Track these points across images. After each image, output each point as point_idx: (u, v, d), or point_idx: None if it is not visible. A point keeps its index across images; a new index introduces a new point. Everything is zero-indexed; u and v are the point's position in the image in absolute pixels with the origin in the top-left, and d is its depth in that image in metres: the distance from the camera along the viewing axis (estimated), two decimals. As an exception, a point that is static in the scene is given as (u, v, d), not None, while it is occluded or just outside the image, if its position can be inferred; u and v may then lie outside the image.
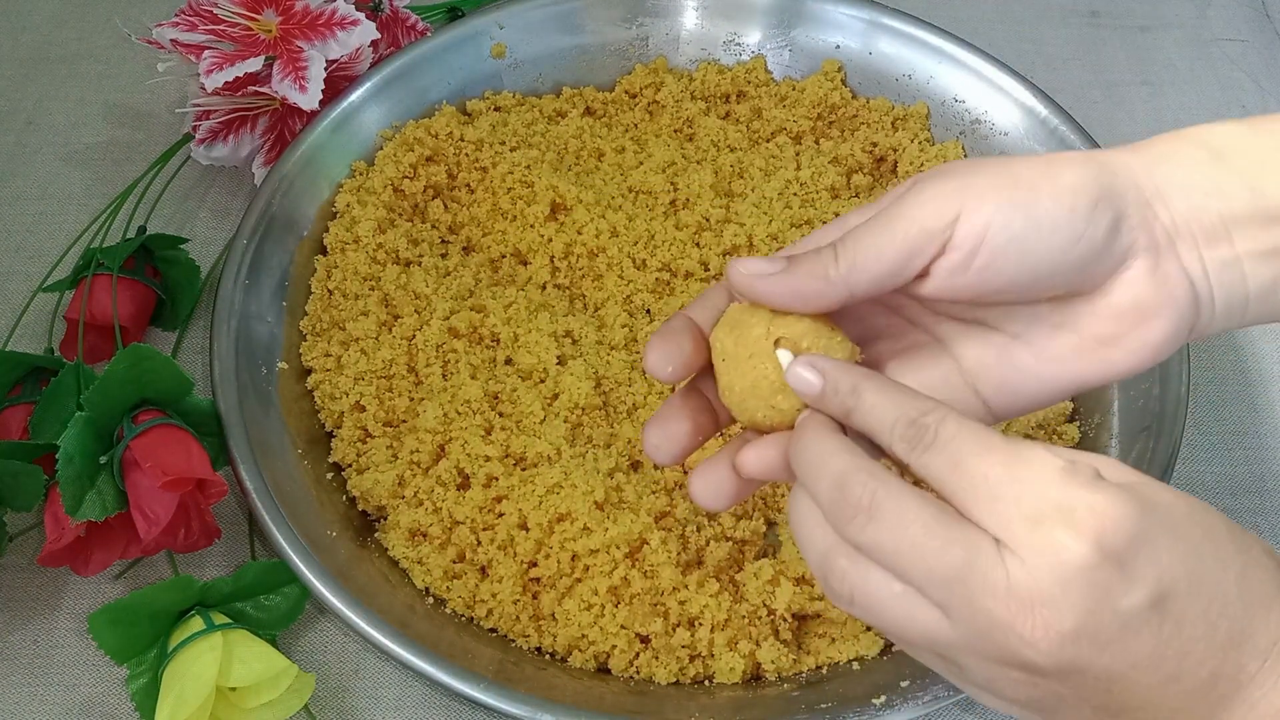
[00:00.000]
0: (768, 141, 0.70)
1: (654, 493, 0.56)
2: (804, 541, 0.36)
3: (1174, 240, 0.38)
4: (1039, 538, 0.31)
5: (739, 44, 0.73)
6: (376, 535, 0.56)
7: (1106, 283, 0.38)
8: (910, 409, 0.35)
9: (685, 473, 0.57)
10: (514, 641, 0.53)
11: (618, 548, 0.53)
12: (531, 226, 0.65)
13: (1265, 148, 0.38)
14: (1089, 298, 0.39)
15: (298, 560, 0.51)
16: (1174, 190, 0.38)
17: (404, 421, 0.59)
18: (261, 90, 0.65)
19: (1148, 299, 0.38)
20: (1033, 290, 0.38)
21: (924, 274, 0.38)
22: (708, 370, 0.40)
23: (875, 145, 0.69)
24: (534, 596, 0.54)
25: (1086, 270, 0.38)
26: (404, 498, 0.56)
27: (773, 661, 0.52)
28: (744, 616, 0.53)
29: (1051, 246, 0.37)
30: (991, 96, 0.68)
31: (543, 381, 0.59)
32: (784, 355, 0.38)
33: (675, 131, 0.71)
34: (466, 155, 0.67)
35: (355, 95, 0.67)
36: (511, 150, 0.67)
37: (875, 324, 0.42)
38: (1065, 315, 0.39)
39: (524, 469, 0.56)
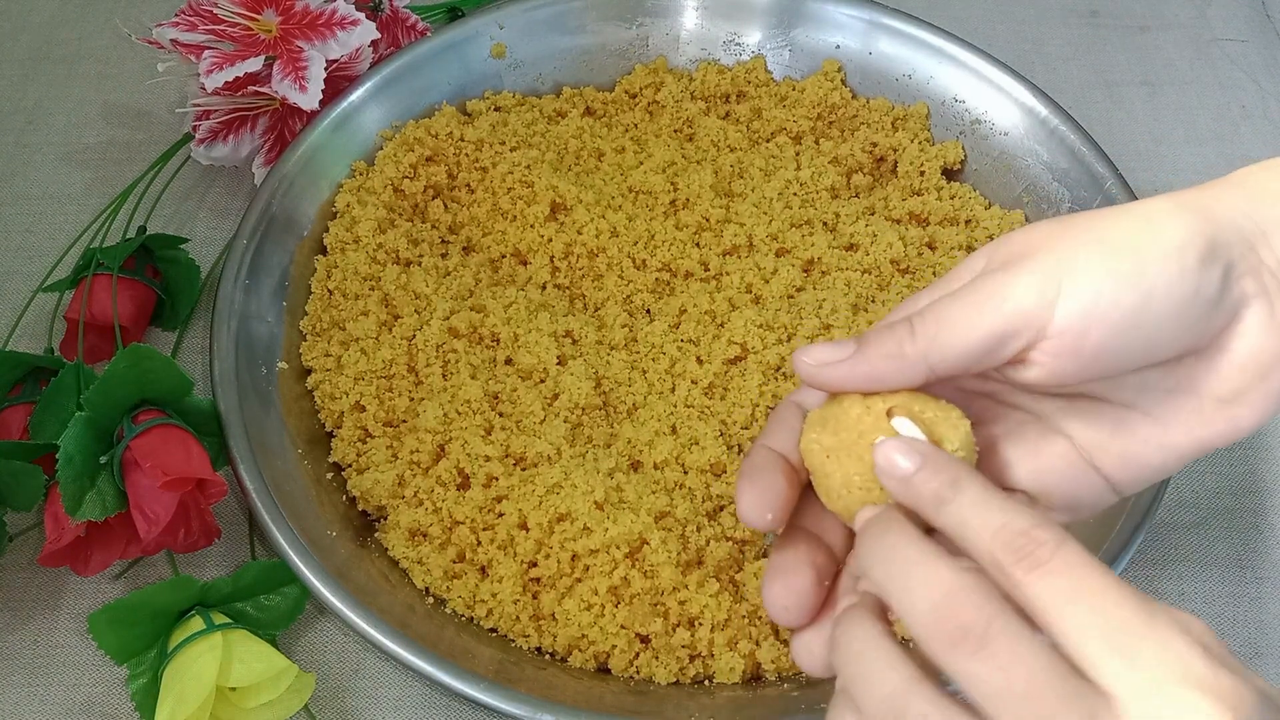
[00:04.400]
0: (768, 141, 0.70)
1: (654, 493, 0.56)
2: None
3: None
4: (1175, 709, 0.28)
5: (739, 44, 0.73)
6: (376, 535, 0.56)
7: (1221, 338, 0.36)
8: (1022, 519, 0.31)
9: (685, 472, 0.57)
10: (514, 641, 0.53)
11: (618, 548, 0.53)
12: (531, 226, 0.65)
13: None
14: (1203, 356, 0.36)
15: (298, 560, 0.51)
16: (1275, 228, 0.35)
17: (404, 421, 0.59)
18: (261, 90, 0.65)
19: (1267, 348, 0.35)
20: (1147, 361, 0.35)
21: (1023, 360, 0.35)
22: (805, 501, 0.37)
23: (875, 145, 0.69)
24: (534, 596, 0.54)
25: (1201, 329, 0.35)
26: (404, 498, 0.56)
27: (773, 661, 0.52)
28: (744, 616, 0.53)
29: (1166, 313, 0.34)
30: (991, 96, 0.68)
31: (543, 381, 0.59)
32: (902, 424, 0.34)
33: (675, 131, 0.71)
34: (466, 155, 0.67)
35: (355, 95, 0.67)
36: (511, 150, 0.67)
37: (966, 409, 0.37)
38: (1179, 378, 0.37)
39: (524, 469, 0.57)
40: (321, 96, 0.64)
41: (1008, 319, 0.34)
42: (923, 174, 0.68)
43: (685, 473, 0.57)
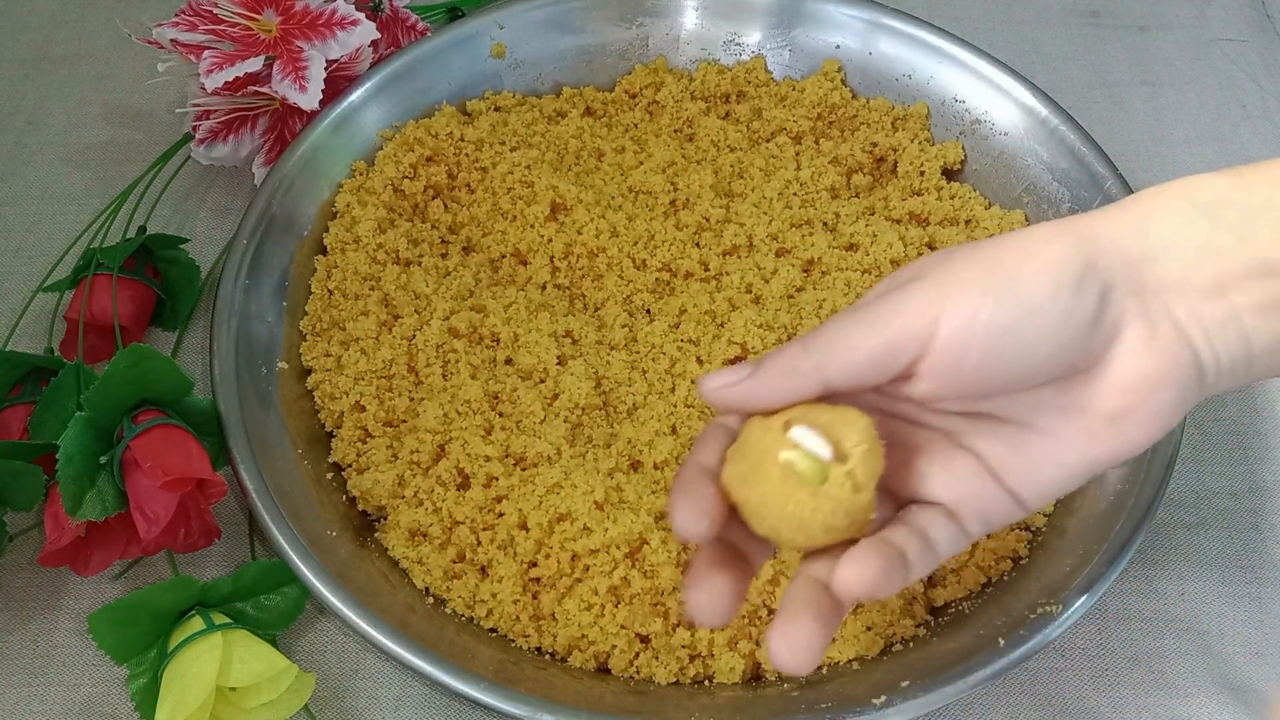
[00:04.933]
0: (768, 141, 0.70)
1: (654, 493, 0.55)
2: None
3: (1168, 304, 0.37)
4: None
5: (739, 44, 0.73)
6: (376, 535, 0.56)
7: (1104, 357, 0.37)
8: None
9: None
10: (514, 641, 0.53)
11: (618, 548, 0.53)
12: (531, 226, 0.65)
13: (1254, 199, 0.36)
14: (1089, 376, 0.38)
15: (298, 560, 0.51)
16: (1163, 251, 0.37)
17: (404, 421, 0.59)
18: (261, 90, 0.65)
19: (1149, 369, 0.37)
20: (1030, 378, 0.37)
21: (911, 375, 0.37)
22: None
23: (875, 145, 0.69)
24: (534, 596, 0.54)
25: (1081, 348, 0.37)
26: (404, 498, 0.56)
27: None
28: (744, 616, 0.53)
29: (1042, 332, 0.36)
30: (991, 96, 0.68)
31: (543, 381, 0.59)
32: (800, 433, 0.36)
33: (675, 131, 0.71)
34: (466, 155, 0.67)
35: (355, 95, 0.67)
36: (511, 150, 0.67)
37: (880, 429, 0.40)
38: (1069, 397, 0.38)
39: (524, 469, 0.57)
40: (321, 96, 0.64)
41: (894, 334, 0.36)
42: (923, 174, 0.68)
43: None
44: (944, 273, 0.37)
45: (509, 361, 0.60)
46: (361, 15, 0.66)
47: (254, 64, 0.64)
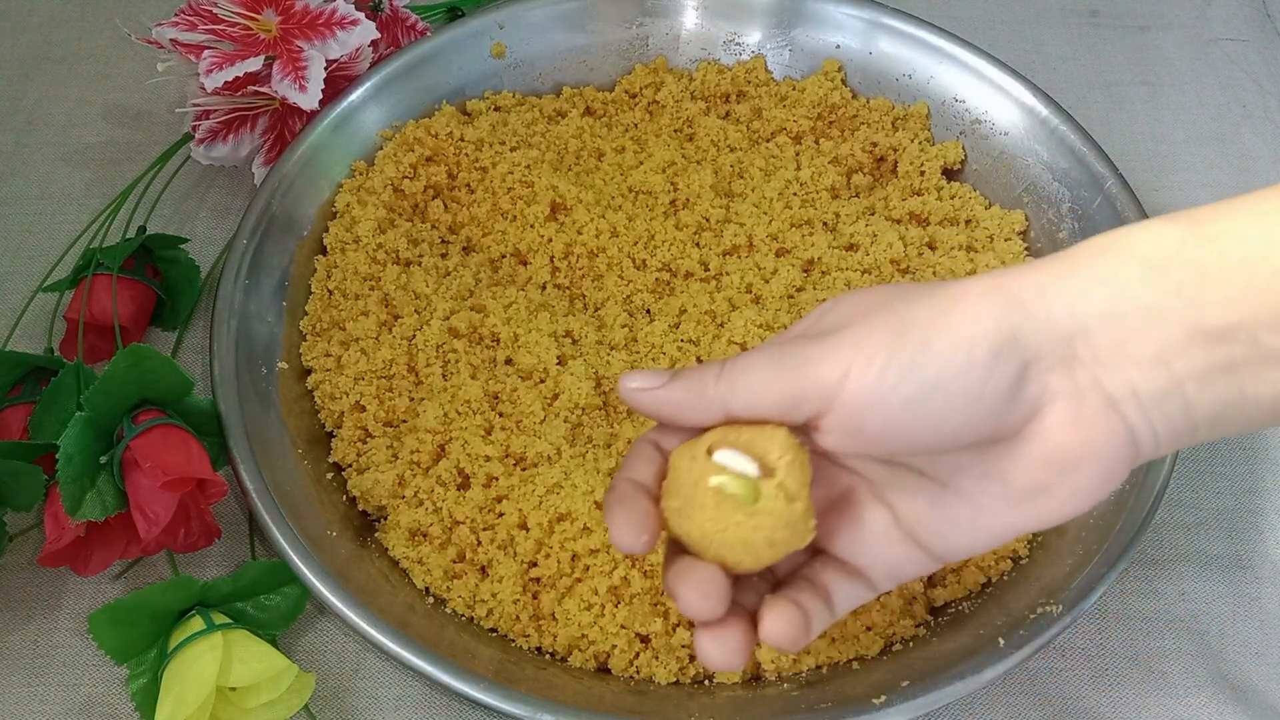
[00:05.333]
0: (768, 141, 0.70)
1: (654, 493, 0.56)
2: None
3: (1100, 378, 0.35)
4: None
5: (739, 44, 0.73)
6: (376, 535, 0.56)
7: (1025, 430, 0.36)
8: None
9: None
10: (514, 641, 0.53)
11: (618, 548, 0.53)
12: (531, 226, 0.65)
13: (1208, 254, 0.34)
14: (1010, 446, 0.36)
15: (298, 560, 0.51)
16: (1099, 320, 0.35)
17: (404, 421, 0.59)
18: (261, 90, 0.65)
19: (1071, 448, 0.35)
20: (940, 446, 0.36)
21: (817, 427, 0.36)
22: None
23: (875, 145, 0.69)
24: (534, 596, 0.54)
25: (995, 423, 0.35)
26: (404, 498, 0.56)
27: (773, 661, 0.52)
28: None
29: (951, 406, 0.35)
30: (991, 96, 0.68)
31: (543, 381, 0.59)
32: (725, 455, 0.36)
33: (675, 131, 0.71)
34: (466, 155, 0.67)
35: (355, 95, 0.67)
36: (511, 150, 0.67)
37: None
38: (989, 464, 0.37)
39: (524, 469, 0.57)
40: (321, 96, 0.64)
41: (798, 387, 0.36)
42: (923, 174, 0.68)
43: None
44: (861, 330, 0.35)
45: (509, 361, 0.60)
46: (361, 15, 0.66)
47: (254, 64, 0.64)
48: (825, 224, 0.66)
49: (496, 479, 0.56)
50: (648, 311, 0.63)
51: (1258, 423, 0.36)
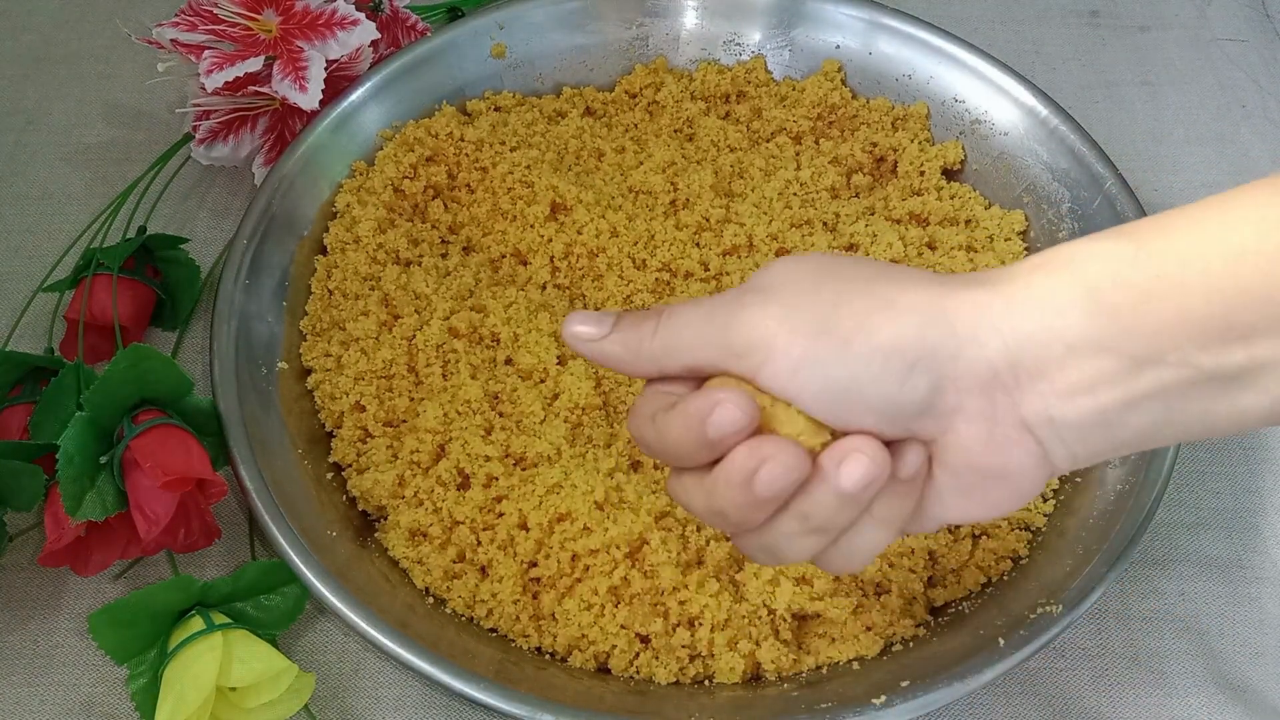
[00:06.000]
0: (768, 141, 0.70)
1: (654, 493, 0.55)
2: None
3: (1019, 404, 0.35)
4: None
5: (739, 44, 0.73)
6: (376, 535, 0.56)
7: (940, 439, 0.37)
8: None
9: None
10: (514, 641, 0.53)
11: (618, 548, 0.53)
12: (531, 226, 0.65)
13: (1147, 274, 0.34)
14: (936, 444, 0.37)
15: (298, 560, 0.51)
16: (1028, 347, 0.35)
17: (404, 421, 0.59)
18: (261, 90, 0.65)
19: (982, 463, 0.36)
20: (869, 428, 0.36)
21: (755, 382, 0.37)
22: None
23: (875, 145, 0.69)
24: (534, 596, 0.54)
25: (908, 424, 0.36)
26: (404, 498, 0.56)
27: (773, 661, 0.52)
28: (744, 616, 0.53)
29: (864, 402, 0.35)
30: (991, 96, 0.68)
31: (543, 381, 0.59)
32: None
33: (675, 131, 0.71)
34: (466, 155, 0.67)
35: (355, 95, 0.67)
36: (511, 150, 0.67)
37: None
38: (931, 451, 0.38)
39: (524, 469, 0.57)
40: (321, 96, 0.64)
41: (727, 349, 0.36)
42: (923, 174, 0.68)
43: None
44: (790, 304, 0.36)
45: (509, 361, 0.60)
46: (361, 15, 0.66)
47: (254, 64, 0.64)
48: (825, 224, 0.66)
49: (496, 479, 0.56)
50: (648, 311, 0.63)
51: (1191, 436, 0.36)
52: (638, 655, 0.52)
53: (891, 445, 0.37)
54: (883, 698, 0.48)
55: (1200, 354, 0.34)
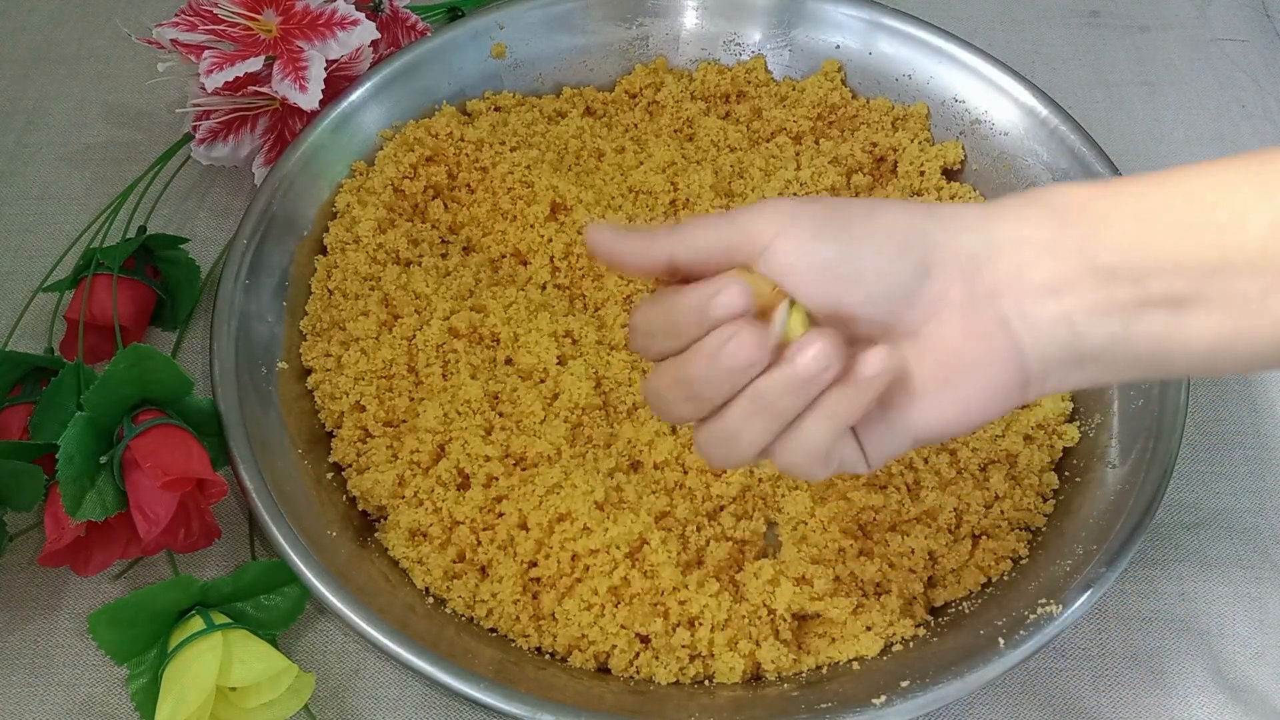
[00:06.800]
0: (768, 141, 0.70)
1: (654, 493, 0.56)
2: None
3: (996, 300, 0.39)
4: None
5: (739, 44, 0.73)
6: (376, 535, 0.56)
7: (922, 330, 0.40)
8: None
9: (685, 472, 0.57)
10: (514, 641, 0.53)
11: (618, 548, 0.53)
12: (531, 226, 0.65)
13: (1106, 206, 0.39)
14: (915, 339, 0.40)
15: (298, 560, 0.51)
16: (1003, 248, 0.39)
17: (404, 421, 0.59)
18: (261, 90, 0.65)
19: (962, 351, 0.39)
20: (857, 318, 0.40)
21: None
22: None
23: (875, 145, 0.69)
24: (534, 596, 0.54)
25: (900, 309, 0.39)
26: (404, 498, 0.56)
27: (773, 661, 0.52)
28: (744, 616, 0.53)
29: (861, 274, 0.39)
30: (991, 96, 0.68)
31: (543, 381, 0.59)
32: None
33: (675, 131, 0.71)
34: (466, 155, 0.67)
35: (355, 95, 0.67)
36: (511, 150, 0.67)
37: None
38: (905, 354, 0.40)
39: (524, 469, 0.57)
40: (321, 96, 0.64)
41: (737, 238, 0.40)
42: (923, 174, 0.68)
43: (685, 473, 0.57)
44: (795, 208, 0.40)
45: (509, 361, 0.60)
46: (361, 15, 0.66)
47: (254, 64, 0.64)
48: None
49: (496, 479, 0.56)
50: (648, 311, 0.63)
51: (1146, 365, 0.39)
52: (638, 655, 0.52)
53: (860, 346, 0.39)
54: (883, 698, 0.48)
55: (1153, 280, 0.37)
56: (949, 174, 0.69)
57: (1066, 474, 0.58)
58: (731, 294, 0.39)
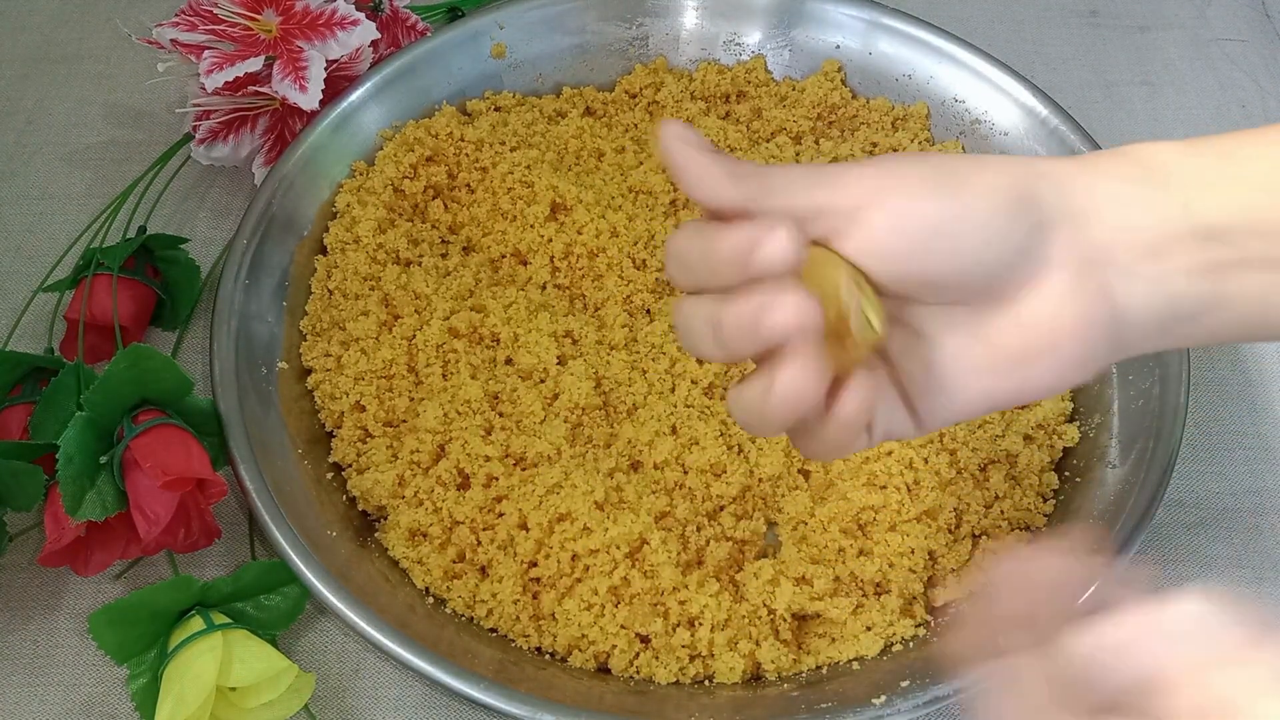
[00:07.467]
0: (768, 141, 0.70)
1: (654, 493, 0.56)
2: None
3: (1102, 256, 0.38)
4: None
5: (739, 44, 0.73)
6: (376, 535, 0.56)
7: (1022, 293, 0.38)
8: None
9: (685, 472, 0.57)
10: (514, 641, 0.53)
11: (618, 548, 0.53)
12: (531, 226, 0.65)
13: (1201, 166, 0.38)
14: (1004, 306, 0.38)
15: (298, 560, 0.51)
16: (1107, 205, 0.38)
17: (404, 421, 0.59)
18: (261, 90, 0.65)
19: (1064, 316, 0.38)
20: (948, 287, 0.37)
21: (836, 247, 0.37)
22: None
23: (875, 145, 0.69)
24: (534, 596, 0.54)
25: (1003, 274, 0.37)
26: (404, 498, 0.56)
27: (773, 661, 0.52)
28: (744, 616, 0.53)
29: (972, 240, 0.37)
30: (991, 96, 0.68)
31: (543, 381, 0.59)
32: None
33: (675, 131, 0.71)
34: (466, 155, 0.67)
35: (355, 95, 0.67)
36: (511, 150, 0.67)
37: None
38: (979, 325, 0.38)
39: (524, 469, 0.57)
40: (321, 96, 0.64)
41: (830, 197, 0.36)
42: (923, 174, 0.68)
43: (685, 473, 0.57)
44: (897, 164, 0.37)
45: (509, 361, 0.60)
46: (361, 15, 0.66)
47: (254, 64, 0.64)
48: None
49: (496, 479, 0.56)
50: (648, 311, 0.63)
51: (1235, 328, 0.39)
52: (638, 655, 0.52)
53: (931, 310, 0.38)
54: (883, 698, 0.48)
55: (1251, 240, 0.37)
56: (949, 174, 0.69)
57: (1066, 474, 0.58)
58: (776, 245, 0.35)
